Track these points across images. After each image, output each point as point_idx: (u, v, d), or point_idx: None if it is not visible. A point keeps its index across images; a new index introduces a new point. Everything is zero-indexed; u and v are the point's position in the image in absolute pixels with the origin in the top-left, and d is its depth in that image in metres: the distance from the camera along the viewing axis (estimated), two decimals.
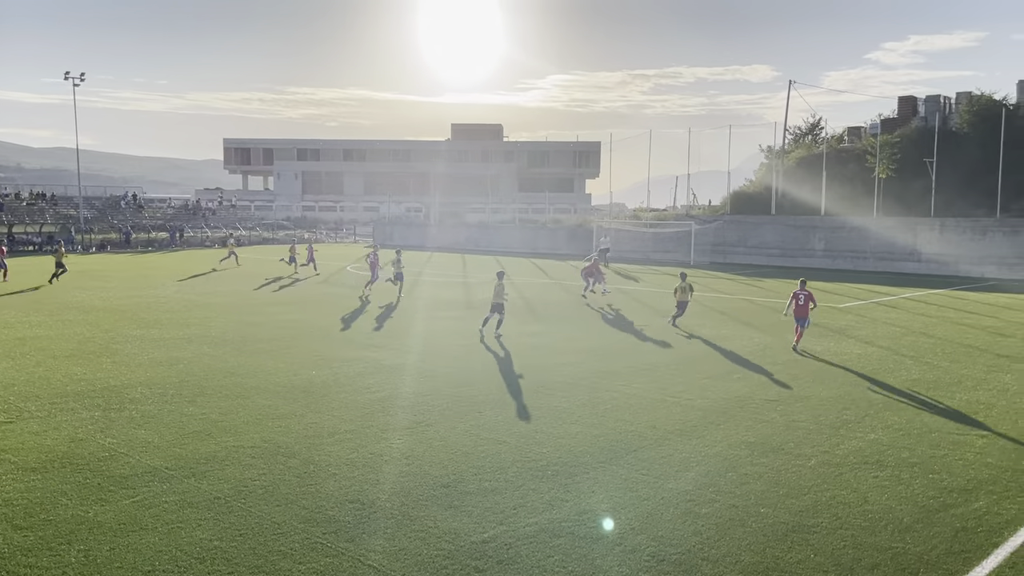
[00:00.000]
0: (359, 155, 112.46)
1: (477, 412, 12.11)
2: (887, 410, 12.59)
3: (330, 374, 14.77)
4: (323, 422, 11.44)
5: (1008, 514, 8.27)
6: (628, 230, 56.99)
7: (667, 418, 11.92)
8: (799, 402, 13.07)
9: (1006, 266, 41.16)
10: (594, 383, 14.29)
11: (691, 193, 67.10)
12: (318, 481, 9.01)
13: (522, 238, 64.54)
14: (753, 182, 59.79)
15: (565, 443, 10.55)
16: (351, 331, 20.13)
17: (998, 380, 14.99)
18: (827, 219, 48.19)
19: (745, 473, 9.47)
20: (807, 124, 64.30)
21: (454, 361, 16.23)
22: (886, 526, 7.94)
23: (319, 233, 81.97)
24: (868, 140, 52.83)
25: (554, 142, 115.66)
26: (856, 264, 46.04)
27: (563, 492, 8.75)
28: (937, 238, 43.57)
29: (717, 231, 52.44)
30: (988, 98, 49.60)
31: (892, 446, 10.64)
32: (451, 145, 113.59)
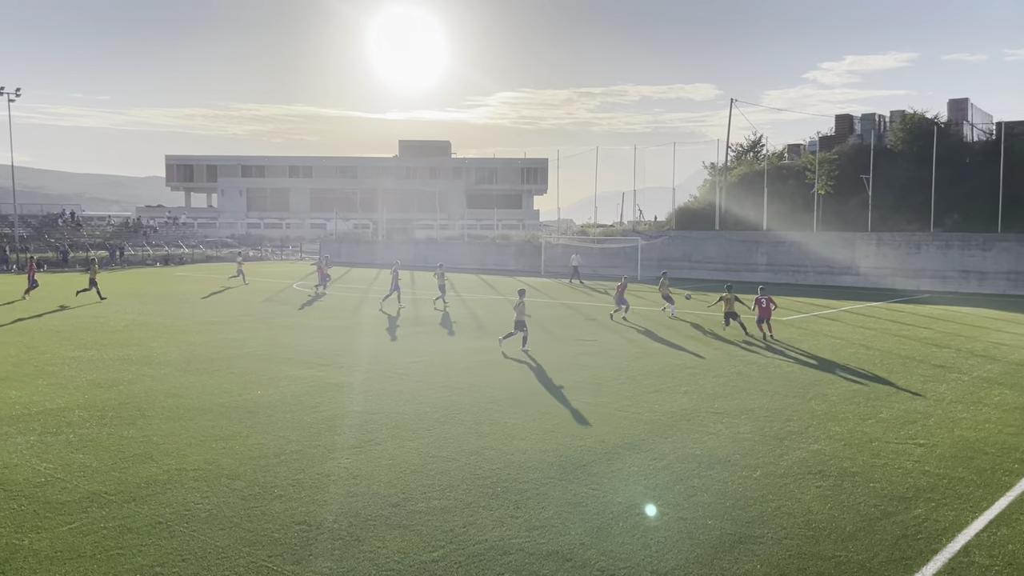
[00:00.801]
0: (305, 171, 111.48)
1: (426, 430, 12.04)
2: (829, 421, 12.86)
3: (276, 393, 14.54)
4: (268, 443, 11.25)
5: (946, 521, 8.50)
6: (576, 246, 57.39)
7: (615, 432, 11.99)
8: (744, 414, 13.27)
9: (939, 279, 42.49)
10: (543, 399, 14.32)
11: (637, 209, 67.97)
12: (263, 503, 8.85)
13: (470, 254, 64.56)
14: (697, 198, 60.78)
15: (515, 459, 10.55)
16: (297, 349, 19.86)
17: (934, 390, 15.43)
18: (769, 234, 49.21)
19: (693, 486, 9.58)
20: (749, 141, 65.63)
21: (403, 379, 16.12)
22: (829, 535, 8.09)
23: (264, 251, 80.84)
24: (807, 157, 54.12)
25: (502, 159, 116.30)
26: (797, 278, 47.06)
27: (513, 509, 8.74)
28: (874, 252, 44.79)
29: (663, 246, 53.15)
30: (920, 116, 51.24)
31: (834, 456, 10.86)
32: (399, 161, 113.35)
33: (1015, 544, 7.86)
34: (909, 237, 44.11)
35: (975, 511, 8.77)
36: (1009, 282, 40.78)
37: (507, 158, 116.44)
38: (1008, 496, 9.26)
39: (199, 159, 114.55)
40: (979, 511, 8.77)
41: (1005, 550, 7.72)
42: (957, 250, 42.46)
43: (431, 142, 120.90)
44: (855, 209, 48.12)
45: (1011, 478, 9.95)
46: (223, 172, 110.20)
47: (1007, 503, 9.03)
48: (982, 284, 41.37)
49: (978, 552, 7.68)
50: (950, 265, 42.50)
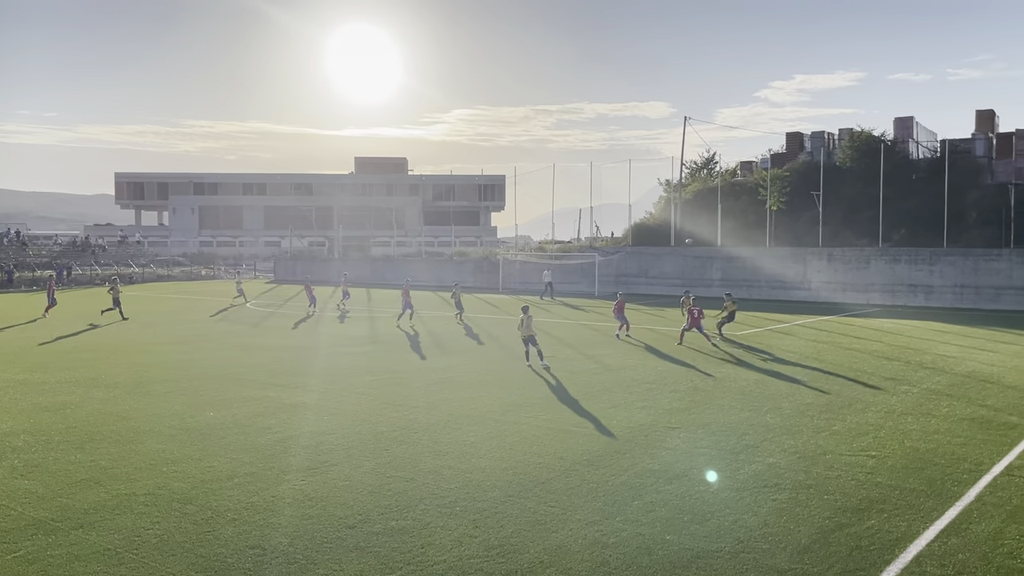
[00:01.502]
0: (259, 189, 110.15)
1: (384, 450, 11.91)
2: (784, 434, 13.02)
3: (228, 415, 14.27)
4: (221, 466, 11.03)
5: (898, 531, 8.63)
6: (534, 262, 57.54)
7: (574, 448, 11.99)
8: (701, 428, 13.37)
9: (888, 293, 43.44)
10: (501, 416, 14.28)
11: (594, 225, 68.40)
12: (216, 527, 8.66)
13: (428, 271, 64.34)
14: (653, 214, 61.40)
15: (473, 478, 10.48)
16: (250, 370, 19.55)
17: (885, 402, 15.72)
18: (723, 250, 49.87)
19: (651, 500, 9.60)
20: (702, 159, 66.58)
21: (359, 398, 15.95)
22: (785, 548, 8.16)
23: (216, 269, 79.65)
24: (759, 174, 55.06)
25: (459, 175, 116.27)
26: (751, 293, 47.71)
27: (471, 528, 8.67)
28: (826, 267, 45.65)
29: (620, 262, 53.55)
30: (868, 134, 52.46)
31: (789, 469, 10.99)
32: (355, 178, 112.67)
33: (965, 553, 8.01)
34: (859, 252, 45.06)
35: (926, 521, 8.93)
36: (955, 296, 41.84)
37: (464, 175, 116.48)
38: (958, 506, 9.45)
39: (150, 176, 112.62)
40: (930, 521, 8.93)
41: (956, 559, 7.86)
42: (905, 265, 43.48)
43: (388, 159, 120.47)
44: (806, 225, 49.02)
45: (960, 488, 10.15)
46: (174, 190, 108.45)
47: (956, 513, 9.21)
48: (929, 298, 42.38)
49: (929, 562, 7.81)
50: (898, 279, 43.49)
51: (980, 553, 8.02)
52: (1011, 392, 16.81)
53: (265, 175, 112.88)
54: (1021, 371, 19.69)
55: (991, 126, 54.07)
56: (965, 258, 41.92)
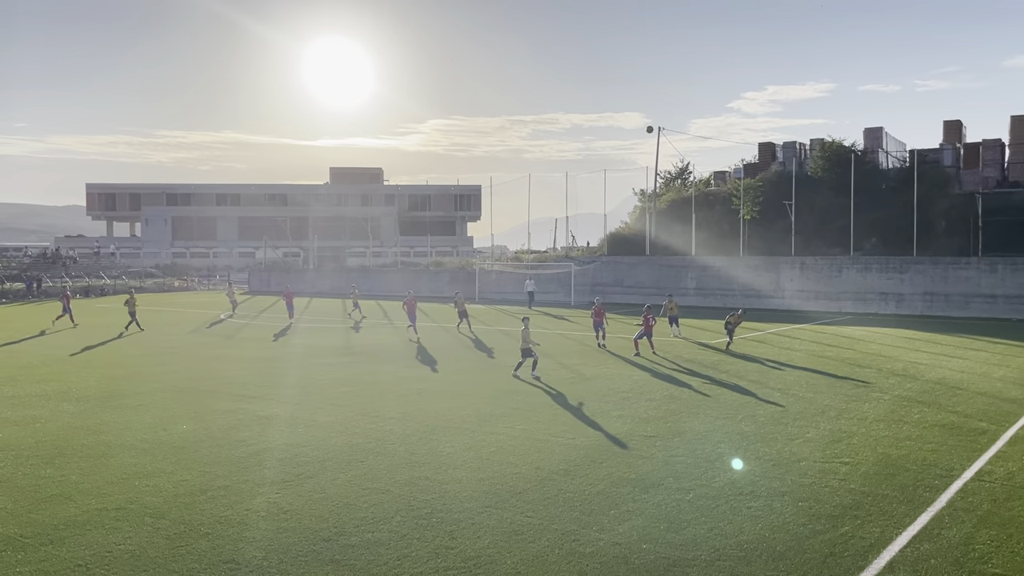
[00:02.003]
0: (233, 199, 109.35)
1: (359, 461, 11.84)
2: (758, 441, 13.11)
3: (202, 428, 14.13)
4: (194, 479, 10.91)
5: (871, 537, 8.71)
6: (510, 272, 57.59)
7: (550, 458, 11.99)
8: (676, 437, 13.43)
9: (860, 301, 43.94)
10: (477, 426, 14.25)
11: (570, 235, 68.65)
12: (189, 542, 8.56)
13: (404, 281, 64.10)
14: (628, 224, 61.69)
15: (449, 489, 10.44)
16: (224, 382, 19.36)
17: (857, 409, 15.88)
18: (698, 259, 50.22)
19: (627, 510, 9.62)
20: (676, 169, 66.97)
21: (334, 410, 15.85)
22: (760, 555, 8.21)
23: (191, 281, 78.90)
24: (733, 184, 55.54)
25: (435, 185, 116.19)
26: (725, 301, 48.03)
27: (448, 540, 8.64)
28: (798, 276, 46.10)
29: (595, 272, 53.73)
30: (839, 144, 53.10)
31: (764, 476, 11.06)
32: (330, 188, 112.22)
33: (937, 559, 8.10)
34: (831, 261, 45.56)
35: (899, 527, 9.02)
36: (925, 303, 42.43)
37: (440, 185, 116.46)
38: (929, 512, 9.56)
39: (122, 187, 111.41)
40: (902, 527, 9.02)
41: (928, 565, 7.95)
42: (876, 273, 44.02)
43: (363, 169, 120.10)
44: (779, 234, 49.50)
45: (932, 494, 10.28)
46: (147, 200, 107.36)
47: (928, 519, 9.32)
48: (900, 306, 42.93)
49: (902, 568, 7.89)
50: (870, 288, 44.02)
51: (952, 559, 8.11)
52: (980, 398, 17.06)
53: (239, 185, 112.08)
54: (990, 378, 19.98)
55: (958, 136, 55.00)
56: (934, 266, 42.53)
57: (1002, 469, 11.47)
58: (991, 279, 41.01)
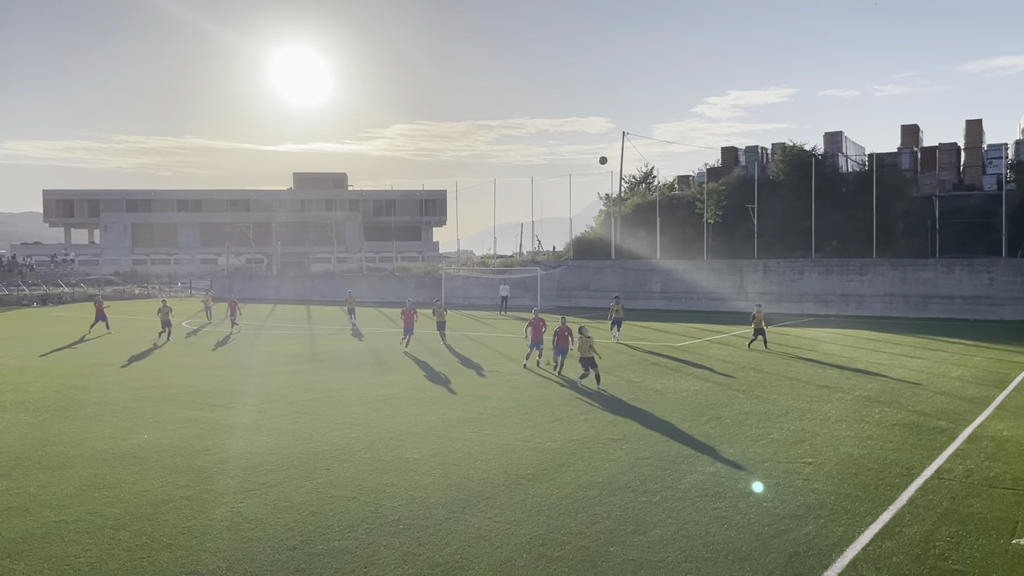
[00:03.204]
0: (195, 205, 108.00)
1: (325, 469, 11.72)
2: (724, 443, 13.22)
3: (164, 437, 13.89)
4: (156, 490, 10.71)
5: (835, 536, 8.82)
6: (477, 276, 57.55)
7: (518, 463, 11.98)
8: (643, 439, 13.49)
9: (822, 303, 44.62)
10: (444, 432, 14.19)
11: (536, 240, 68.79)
12: (151, 553, 8.39)
13: (369, 287, 63.82)
14: (594, 228, 62.02)
15: (416, 495, 10.38)
16: (186, 390, 19.08)
17: (820, 409, 16.09)
18: (662, 263, 50.64)
19: (595, 513, 9.63)
20: (641, 173, 67.48)
21: (298, 417, 15.68)
22: (727, 556, 8.27)
23: (151, 288, 77.71)
24: (696, 188, 56.11)
25: (400, 190, 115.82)
26: (690, 304, 48.51)
27: (415, 546, 8.57)
28: (761, 279, 46.68)
29: (561, 276, 53.91)
30: (799, 149, 53.89)
31: (729, 477, 11.15)
32: (294, 194, 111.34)
33: (899, 556, 8.22)
34: (793, 263, 46.20)
35: (861, 525, 9.14)
36: (884, 304, 43.19)
37: (405, 190, 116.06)
38: (891, 510, 9.70)
39: (80, 193, 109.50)
40: (865, 525, 9.14)
41: (890, 562, 8.06)
42: (837, 275, 44.73)
43: (327, 174, 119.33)
44: (742, 237, 50.09)
45: (893, 492, 10.43)
46: (106, 207, 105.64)
47: (890, 516, 9.45)
48: (860, 307, 43.65)
49: (865, 566, 7.99)
50: (831, 289, 44.70)
51: (913, 555, 8.24)
52: (939, 398, 17.38)
53: (201, 191, 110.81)
54: (948, 377, 20.38)
55: (916, 140, 56.10)
56: (893, 268, 43.32)
57: (961, 467, 11.68)
58: (948, 280, 41.88)
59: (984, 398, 17.33)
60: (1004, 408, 16.22)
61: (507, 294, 49.08)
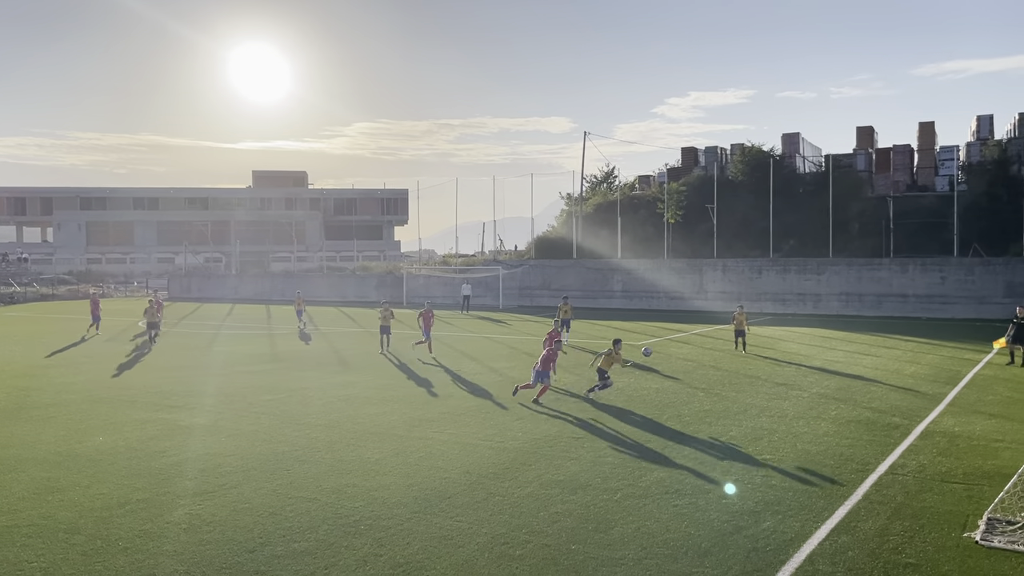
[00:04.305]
0: (151, 203, 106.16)
1: (285, 470, 11.60)
2: (684, 440, 13.35)
3: (119, 439, 13.64)
4: (112, 492, 10.51)
5: (792, 531, 8.96)
6: (439, 276, 57.40)
7: (480, 462, 11.97)
8: (605, 438, 13.57)
9: (780, 302, 45.26)
10: (406, 432, 14.13)
11: (498, 239, 68.85)
12: (106, 557, 8.24)
13: (330, 286, 63.31)
14: (555, 228, 62.22)
15: (377, 495, 10.32)
16: (143, 391, 18.75)
17: (778, 407, 16.33)
18: (623, 262, 50.96)
19: (556, 511, 9.67)
20: (602, 173, 67.87)
21: (258, 418, 15.50)
22: (686, 552, 8.35)
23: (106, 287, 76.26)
24: (657, 188, 56.58)
25: (361, 189, 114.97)
26: (651, 303, 48.89)
27: (376, 547, 8.53)
28: (721, 278, 47.22)
29: (523, 275, 54.00)
30: (758, 149, 54.62)
31: (690, 474, 11.26)
32: (253, 192, 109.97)
33: (854, 551, 8.37)
34: (751, 263, 46.81)
35: (818, 520, 9.29)
36: (841, 303, 43.96)
37: (367, 188, 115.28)
38: (847, 505, 9.88)
39: (32, 191, 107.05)
40: (822, 520, 9.30)
41: (846, 557, 8.21)
42: (794, 274, 45.41)
43: (287, 172, 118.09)
44: (702, 237, 50.63)
45: (848, 487, 10.63)
46: (59, 205, 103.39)
47: (846, 512, 9.63)
48: (817, 306, 44.37)
49: (822, 560, 8.12)
50: (789, 288, 45.38)
51: (868, 550, 8.40)
52: (893, 395, 17.74)
53: (157, 189, 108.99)
54: (902, 374, 20.80)
55: (871, 142, 57.18)
56: (849, 267, 44.11)
57: (914, 462, 11.94)
58: (902, 279, 42.77)
59: (937, 395, 17.73)
60: (956, 404, 16.61)
61: (469, 293, 49.05)
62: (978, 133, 53.79)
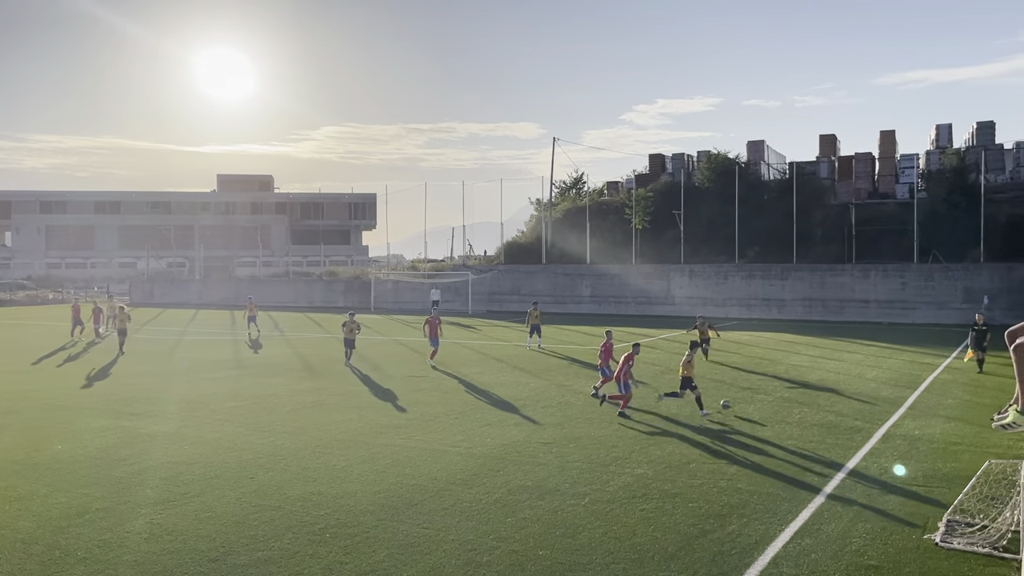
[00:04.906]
0: (113, 207, 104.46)
1: (249, 478, 11.46)
2: (651, 445, 13.41)
3: (79, 447, 13.38)
4: (71, 502, 10.31)
5: (757, 535, 9.03)
6: (408, 281, 57.16)
7: (447, 468, 11.93)
8: (572, 443, 13.59)
9: (745, 307, 45.73)
10: (373, 438, 14.04)
11: (467, 244, 68.70)
12: (65, 568, 8.07)
13: (296, 292, 62.76)
14: (524, 233, 62.26)
15: (344, 503, 10.23)
16: (104, 398, 18.42)
17: (743, 410, 16.48)
18: (592, 267, 51.16)
19: (524, 517, 9.66)
20: (571, 178, 68.00)
21: (222, 425, 15.30)
22: (653, 556, 8.39)
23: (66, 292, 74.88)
24: (625, 194, 56.89)
25: (329, 193, 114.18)
26: (619, 308, 49.14)
27: (342, 555, 8.45)
28: (687, 283, 47.60)
29: (492, 280, 53.98)
30: (724, 157, 55.16)
31: (656, 479, 11.32)
32: (218, 196, 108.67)
33: (818, 553, 8.47)
34: (717, 268, 47.25)
35: (782, 523, 9.39)
36: (804, 308, 44.51)
37: (334, 193, 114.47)
38: (810, 508, 9.99)
39: None
40: (786, 523, 9.39)
41: (809, 559, 8.30)
42: (759, 280, 45.91)
43: (253, 176, 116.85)
44: (669, 243, 50.99)
45: (812, 490, 10.75)
46: (18, 208, 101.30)
47: (809, 515, 9.73)
48: (782, 311, 44.88)
49: (786, 563, 8.20)
50: (754, 294, 45.86)
51: (831, 552, 8.49)
52: (856, 398, 17.99)
53: (119, 193, 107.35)
54: (864, 378, 21.10)
55: (833, 150, 58.05)
56: (812, 273, 44.70)
57: (876, 465, 12.11)
58: (864, 285, 43.42)
59: (897, 398, 18.01)
60: (916, 408, 16.88)
61: (438, 298, 48.93)
62: (937, 141, 54.85)
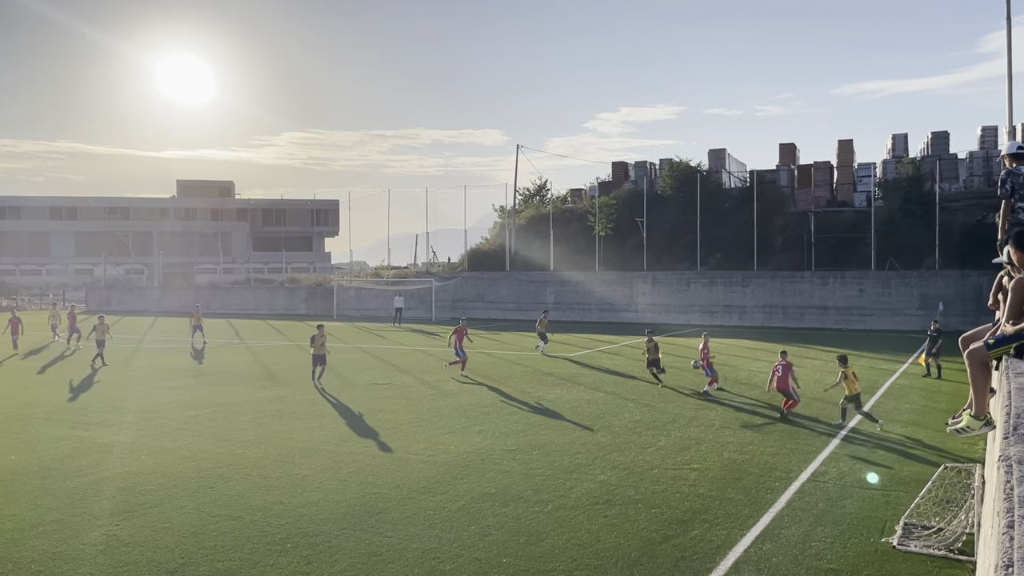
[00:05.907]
0: (69, 213, 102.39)
1: (208, 488, 11.28)
2: (614, 451, 13.46)
3: (32, 458, 13.07)
4: (23, 514, 10.06)
5: (719, 539, 9.10)
6: (371, 288, 56.82)
7: (410, 476, 11.85)
8: (536, 450, 13.59)
9: (707, 314, 46.16)
10: (335, 447, 13.91)
11: (431, 251, 68.48)
12: None
13: (257, 299, 62.05)
14: (488, 240, 62.26)
15: (305, 512, 10.12)
16: (59, 407, 18.03)
17: (705, 417, 16.62)
18: (556, 274, 51.31)
19: (487, 525, 9.63)
20: (535, 186, 68.13)
21: (181, 434, 15.06)
22: (616, 563, 8.41)
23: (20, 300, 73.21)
24: (588, 201, 57.15)
25: (291, 200, 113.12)
26: (582, 315, 49.32)
27: (304, 565, 8.35)
28: (650, 290, 47.94)
29: (456, 287, 53.87)
30: (686, 165, 55.67)
31: (619, 485, 11.36)
32: (177, 202, 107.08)
33: (778, 557, 8.56)
34: (680, 275, 47.65)
35: (743, 528, 9.47)
36: (765, 315, 45.06)
37: (296, 199, 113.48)
38: (771, 512, 10.10)
39: None
40: (747, 528, 9.48)
41: (770, 563, 8.38)
42: (721, 287, 46.39)
43: (213, 182, 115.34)
44: (632, 250, 51.33)
45: (772, 495, 10.87)
46: None
47: (770, 519, 9.84)
48: (743, 317, 45.39)
49: (747, 567, 8.28)
50: (715, 301, 46.33)
51: (791, 556, 8.59)
52: (815, 403, 18.24)
53: (76, 198, 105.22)
54: (823, 384, 21.38)
55: (793, 158, 58.89)
56: (773, 280, 45.29)
57: (835, 470, 12.28)
58: (823, 292, 44.08)
59: None
60: (874, 413, 17.13)
61: (401, 305, 48.70)
62: (894, 151, 55.92)
